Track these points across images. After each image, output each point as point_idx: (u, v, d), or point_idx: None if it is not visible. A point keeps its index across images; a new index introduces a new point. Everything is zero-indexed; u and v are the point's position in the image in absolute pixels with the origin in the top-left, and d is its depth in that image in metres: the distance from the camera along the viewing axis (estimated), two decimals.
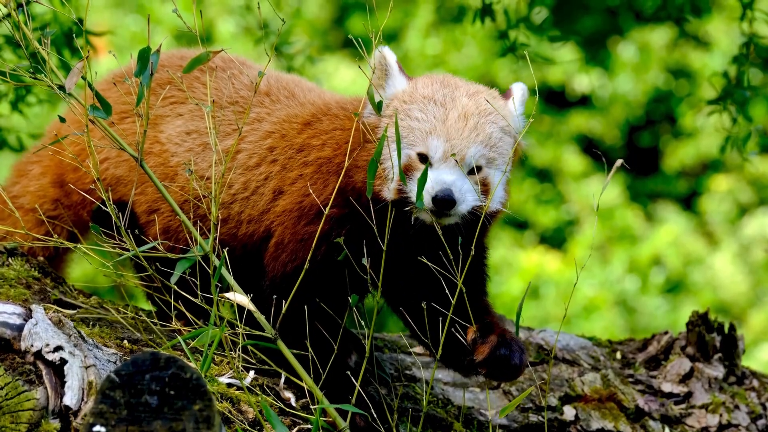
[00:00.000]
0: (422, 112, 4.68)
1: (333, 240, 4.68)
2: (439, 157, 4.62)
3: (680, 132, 14.27)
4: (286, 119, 5.01)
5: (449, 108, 4.68)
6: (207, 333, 4.31)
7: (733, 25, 11.77)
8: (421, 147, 4.65)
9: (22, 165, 5.57)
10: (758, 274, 13.49)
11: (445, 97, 4.72)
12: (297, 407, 4.73)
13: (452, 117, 4.66)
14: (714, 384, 5.67)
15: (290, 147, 4.93)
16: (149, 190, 5.06)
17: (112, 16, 12.68)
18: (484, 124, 4.69)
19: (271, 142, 4.97)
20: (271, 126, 5.00)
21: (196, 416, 3.65)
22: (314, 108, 5.02)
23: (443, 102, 4.70)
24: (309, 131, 4.93)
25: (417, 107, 4.70)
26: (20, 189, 5.41)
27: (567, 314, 12.41)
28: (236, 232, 4.94)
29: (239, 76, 5.14)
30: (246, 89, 5.09)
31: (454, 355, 4.76)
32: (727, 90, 6.54)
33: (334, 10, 14.15)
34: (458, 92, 4.75)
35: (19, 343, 4.31)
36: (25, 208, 5.35)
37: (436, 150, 4.63)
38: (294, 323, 4.63)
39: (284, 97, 5.10)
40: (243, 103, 5.06)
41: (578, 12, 13.70)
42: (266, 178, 4.93)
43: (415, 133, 4.66)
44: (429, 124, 4.66)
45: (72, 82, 4.35)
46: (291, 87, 5.16)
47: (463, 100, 4.72)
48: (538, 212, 13.75)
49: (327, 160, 4.82)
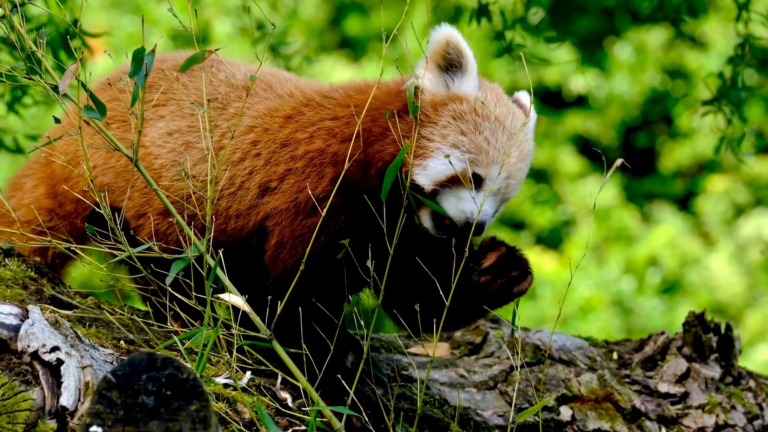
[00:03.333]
0: (493, 135, 4.68)
1: (331, 230, 4.68)
2: (495, 188, 4.67)
3: (676, 132, 14.29)
4: (267, 113, 4.99)
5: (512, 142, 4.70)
6: (201, 334, 4.31)
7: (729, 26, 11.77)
8: (482, 170, 4.67)
9: (16, 179, 5.57)
10: (754, 274, 13.51)
11: (510, 126, 4.72)
12: (294, 407, 4.73)
13: (515, 155, 4.70)
14: (710, 384, 5.67)
15: (273, 141, 4.91)
16: (135, 195, 5.05)
17: (108, 16, 12.68)
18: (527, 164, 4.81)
19: (253, 137, 4.95)
20: (252, 120, 4.99)
21: (193, 417, 3.65)
22: (294, 100, 4.99)
23: (510, 132, 4.70)
24: (292, 125, 4.91)
25: (489, 127, 4.70)
26: (15, 203, 5.40)
27: (564, 315, 12.43)
28: (225, 228, 4.93)
29: (217, 73, 5.12)
30: (224, 85, 5.08)
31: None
32: (722, 91, 6.55)
33: (330, 10, 14.16)
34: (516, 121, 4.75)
35: (15, 343, 4.31)
36: (21, 221, 5.34)
37: (494, 181, 4.66)
38: (292, 323, 4.63)
39: (261, 89, 5.08)
40: (222, 99, 5.04)
41: (574, 13, 13.70)
42: (251, 173, 4.92)
43: (482, 153, 4.67)
44: (498, 152, 4.67)
45: (65, 83, 4.34)
46: (268, 79, 5.12)
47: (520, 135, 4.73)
48: (535, 213, 13.77)
49: (319, 152, 4.81)
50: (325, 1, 14.11)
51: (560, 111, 14.28)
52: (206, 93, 4.94)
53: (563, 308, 12.30)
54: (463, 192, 4.64)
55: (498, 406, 5.32)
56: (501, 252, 4.74)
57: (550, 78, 13.92)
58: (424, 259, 4.71)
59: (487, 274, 4.72)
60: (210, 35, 12.54)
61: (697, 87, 13.66)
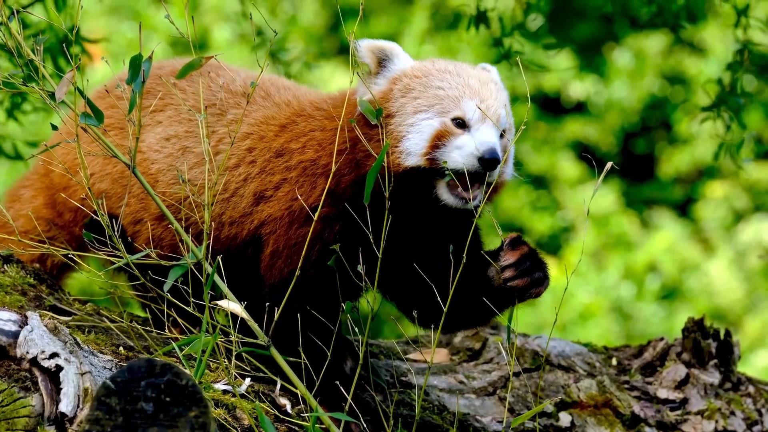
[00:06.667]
0: (443, 81, 4.71)
1: (325, 239, 4.68)
2: (478, 118, 4.64)
3: (676, 138, 14.29)
4: (264, 121, 5.01)
5: (467, 77, 4.72)
6: (200, 341, 4.31)
7: (728, 32, 11.79)
8: (456, 111, 4.66)
9: (14, 190, 5.56)
10: (754, 280, 13.50)
11: (457, 68, 4.76)
12: (293, 414, 4.73)
13: (475, 83, 4.70)
14: (710, 390, 5.67)
15: (268, 150, 4.92)
16: (132, 201, 5.06)
17: (107, 23, 12.68)
18: (500, 90, 4.77)
19: (249, 143, 4.97)
20: (248, 128, 5.00)
21: (192, 423, 3.65)
22: (289, 110, 5.01)
23: (459, 73, 4.73)
24: (286, 134, 4.93)
25: (435, 78, 4.72)
26: (13, 213, 5.38)
27: (563, 321, 12.42)
28: (219, 235, 4.93)
29: (215, 78, 5.13)
30: (222, 91, 5.09)
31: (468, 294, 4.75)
32: (721, 97, 6.55)
33: (330, 17, 14.16)
34: (464, 66, 4.80)
35: (14, 349, 4.31)
36: (20, 231, 5.33)
37: (473, 111, 4.65)
38: (290, 329, 4.63)
39: (260, 97, 5.10)
40: (220, 105, 5.05)
41: (573, 19, 13.72)
42: (245, 179, 4.93)
43: (444, 100, 4.68)
44: (457, 90, 4.68)
45: (62, 92, 4.34)
46: (266, 86, 5.15)
47: (472, 71, 4.77)
48: (534, 219, 13.76)
49: (311, 163, 4.82)
50: (325, 8, 14.12)
51: (559, 117, 14.28)
52: (204, 99, 4.95)
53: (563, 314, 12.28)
54: (457, 140, 4.64)
55: (497, 412, 5.32)
56: (523, 251, 4.72)
57: (549, 84, 13.92)
58: (435, 256, 4.70)
59: (511, 269, 4.70)
60: (209, 42, 12.54)
61: (696, 93, 13.66)
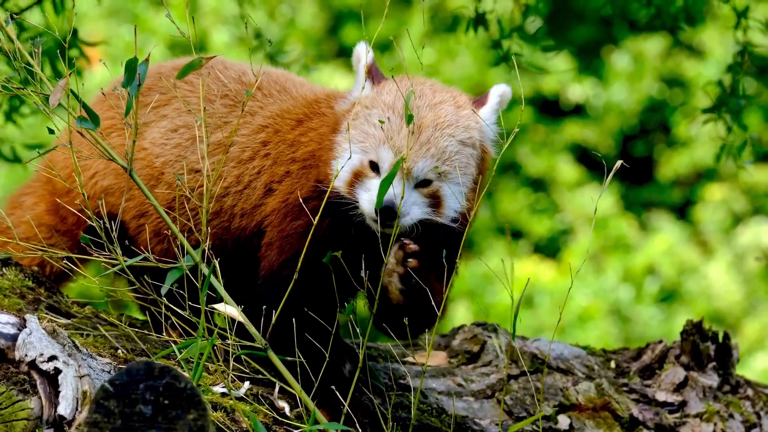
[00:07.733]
0: (380, 118, 4.69)
1: (315, 233, 4.67)
2: (387, 168, 4.63)
3: (674, 141, 14.29)
4: (280, 114, 5.02)
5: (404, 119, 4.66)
6: (197, 344, 4.31)
7: (728, 34, 11.78)
8: (372, 155, 4.67)
9: (15, 197, 5.54)
10: (752, 283, 13.50)
11: (415, 102, 4.69)
12: (291, 417, 4.73)
13: (405, 130, 4.65)
14: (708, 393, 5.67)
15: (283, 142, 4.95)
16: (137, 193, 5.04)
17: (106, 25, 12.69)
18: (438, 138, 4.68)
19: (264, 137, 4.99)
20: (264, 120, 5.02)
21: (191, 425, 3.65)
22: (306, 105, 5.04)
23: (402, 113, 4.68)
24: (300, 128, 4.96)
25: (377, 114, 4.71)
26: (15, 220, 5.36)
27: (562, 324, 12.42)
28: (229, 226, 4.94)
29: (226, 71, 5.14)
30: (234, 83, 5.09)
31: None
32: (721, 99, 6.55)
33: (328, 19, 14.17)
34: (420, 102, 4.72)
35: (13, 352, 4.31)
36: (21, 238, 5.31)
37: (384, 161, 4.65)
38: (287, 331, 4.63)
39: (276, 91, 5.11)
40: (233, 96, 5.06)
41: (572, 21, 13.73)
42: (259, 172, 4.95)
43: (369, 140, 4.69)
44: (383, 133, 4.67)
45: (55, 98, 4.33)
46: (282, 81, 5.17)
47: (422, 111, 4.70)
48: (533, 222, 13.76)
49: (311, 155, 4.86)
50: (323, 10, 14.12)
51: (558, 120, 14.29)
52: (217, 90, 4.98)
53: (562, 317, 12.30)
54: (369, 182, 4.65)
55: (495, 415, 5.32)
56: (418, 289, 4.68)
57: (548, 87, 13.93)
58: None
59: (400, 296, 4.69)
60: (208, 44, 12.54)
61: (695, 95, 13.67)
